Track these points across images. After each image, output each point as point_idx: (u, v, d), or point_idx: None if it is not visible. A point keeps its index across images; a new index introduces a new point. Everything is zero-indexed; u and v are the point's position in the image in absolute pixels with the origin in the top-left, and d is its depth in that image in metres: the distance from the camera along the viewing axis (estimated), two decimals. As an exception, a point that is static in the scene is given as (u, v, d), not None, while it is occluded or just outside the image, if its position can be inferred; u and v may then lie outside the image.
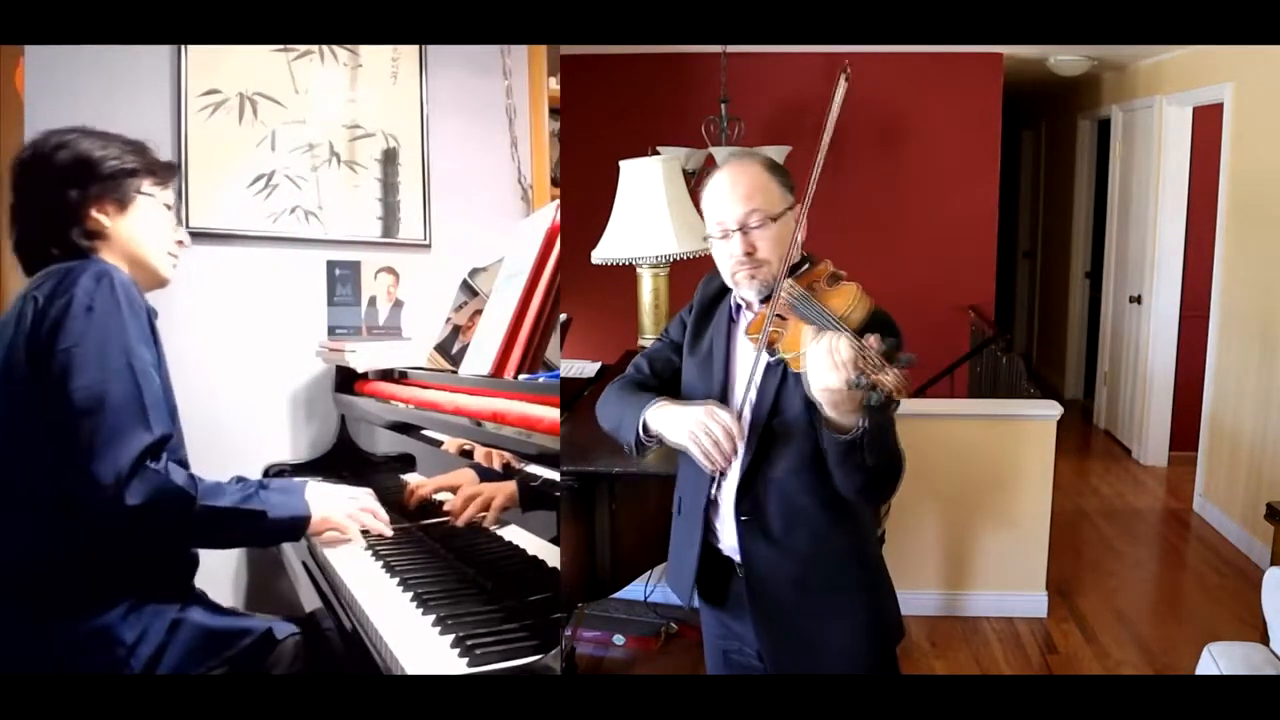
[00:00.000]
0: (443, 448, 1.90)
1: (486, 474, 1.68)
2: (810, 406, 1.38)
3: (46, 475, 1.53)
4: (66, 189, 1.69)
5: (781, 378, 1.47)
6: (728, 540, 1.56)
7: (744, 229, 1.48)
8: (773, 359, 1.44)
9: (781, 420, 1.47)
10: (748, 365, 1.51)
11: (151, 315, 1.70)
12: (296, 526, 1.72)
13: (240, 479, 2.00)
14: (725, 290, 1.61)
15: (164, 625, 1.59)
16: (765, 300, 1.48)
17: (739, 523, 1.52)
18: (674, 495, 1.70)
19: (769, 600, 1.53)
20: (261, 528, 1.66)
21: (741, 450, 1.48)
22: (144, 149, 1.80)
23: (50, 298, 1.55)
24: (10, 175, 1.72)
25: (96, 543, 1.55)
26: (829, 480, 1.44)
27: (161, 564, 1.69)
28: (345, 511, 1.84)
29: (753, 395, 1.48)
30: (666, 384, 1.66)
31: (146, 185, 1.76)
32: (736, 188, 1.50)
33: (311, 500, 1.75)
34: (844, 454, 1.36)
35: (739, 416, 1.47)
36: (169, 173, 1.84)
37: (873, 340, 1.26)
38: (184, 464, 1.74)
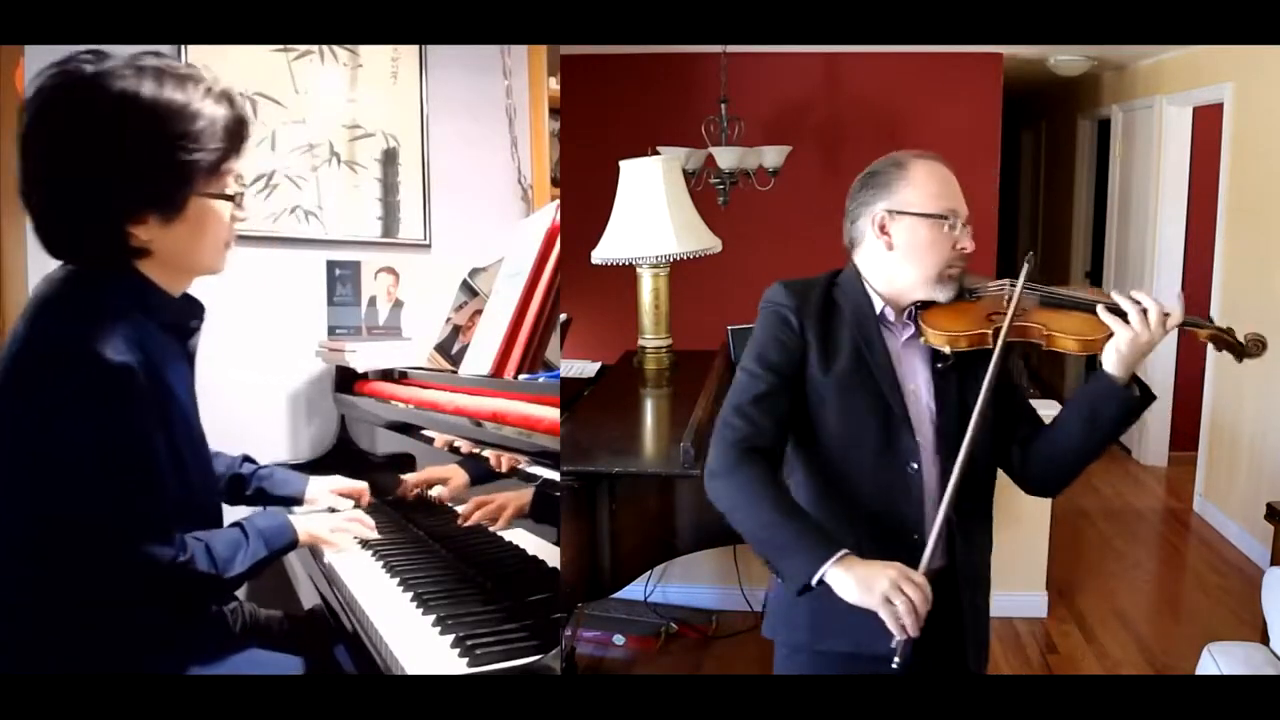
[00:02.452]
0: (434, 445, 1.91)
1: (486, 473, 1.69)
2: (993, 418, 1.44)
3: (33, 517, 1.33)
4: (95, 179, 1.30)
5: (961, 384, 1.45)
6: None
7: (966, 224, 1.46)
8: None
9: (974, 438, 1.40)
10: (915, 377, 1.47)
11: (191, 321, 1.52)
12: (285, 552, 1.67)
13: (247, 458, 2.00)
14: (833, 298, 1.49)
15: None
16: (921, 308, 1.47)
17: (958, 540, 1.50)
18: (836, 534, 1.39)
19: (974, 605, 1.59)
20: (261, 569, 1.58)
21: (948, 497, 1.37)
22: (226, 123, 1.37)
23: (29, 354, 1.28)
24: (20, 117, 1.33)
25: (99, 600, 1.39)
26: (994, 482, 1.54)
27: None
28: (330, 527, 1.82)
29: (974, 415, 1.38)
30: (786, 434, 1.47)
31: (207, 185, 1.38)
32: (956, 183, 1.47)
33: (296, 522, 1.70)
34: (1135, 412, 1.44)
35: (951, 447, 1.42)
36: (238, 152, 1.42)
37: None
38: (216, 507, 1.63)
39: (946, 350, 1.44)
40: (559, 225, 1.87)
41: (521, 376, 1.79)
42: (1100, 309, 1.41)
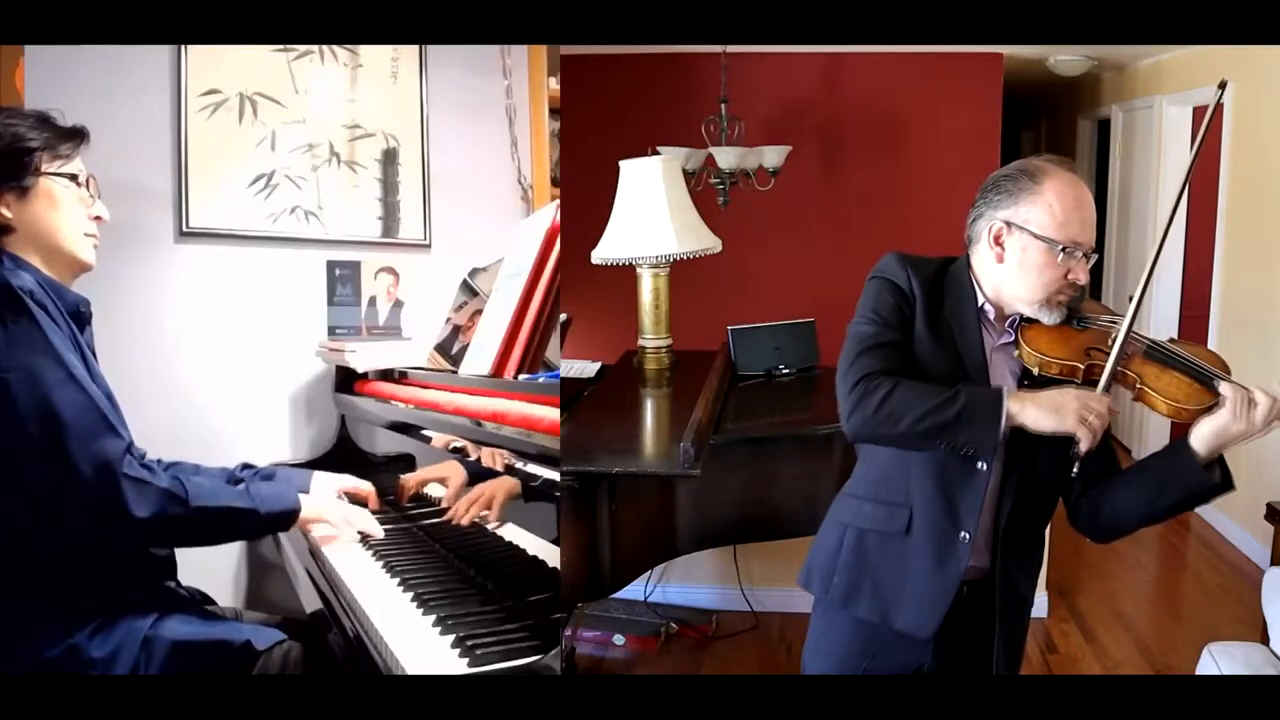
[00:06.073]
0: (431, 443, 1.91)
1: (484, 472, 1.69)
2: (1065, 444, 1.39)
3: (10, 488, 1.46)
4: None
5: None
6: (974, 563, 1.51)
7: (1087, 255, 1.42)
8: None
9: (1043, 452, 1.44)
10: (1000, 381, 1.46)
11: (82, 307, 1.63)
12: (286, 520, 1.72)
13: (247, 465, 2.01)
14: (942, 282, 1.50)
15: (136, 642, 1.51)
16: (1025, 321, 1.45)
17: (1002, 551, 1.48)
18: (888, 511, 1.51)
19: (1009, 623, 1.52)
20: (251, 524, 1.66)
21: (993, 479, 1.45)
22: (44, 120, 1.64)
23: None
24: None
25: (71, 553, 1.50)
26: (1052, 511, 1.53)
27: (137, 569, 1.63)
28: (339, 515, 1.85)
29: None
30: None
31: (49, 164, 1.61)
32: (1090, 208, 1.42)
33: (305, 497, 1.74)
34: (1205, 496, 1.42)
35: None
36: (74, 142, 1.66)
37: None
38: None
39: (1035, 371, 1.43)
40: (559, 225, 1.87)
41: (521, 376, 1.78)
42: (1206, 381, 1.39)
